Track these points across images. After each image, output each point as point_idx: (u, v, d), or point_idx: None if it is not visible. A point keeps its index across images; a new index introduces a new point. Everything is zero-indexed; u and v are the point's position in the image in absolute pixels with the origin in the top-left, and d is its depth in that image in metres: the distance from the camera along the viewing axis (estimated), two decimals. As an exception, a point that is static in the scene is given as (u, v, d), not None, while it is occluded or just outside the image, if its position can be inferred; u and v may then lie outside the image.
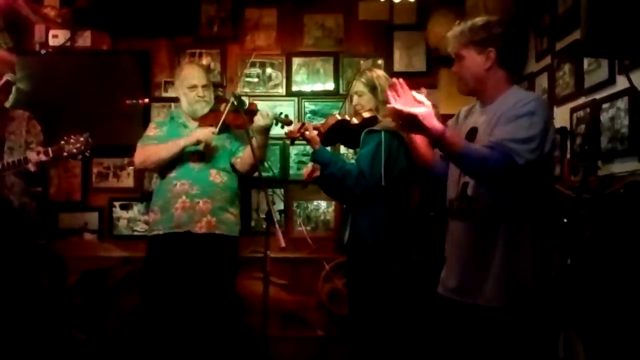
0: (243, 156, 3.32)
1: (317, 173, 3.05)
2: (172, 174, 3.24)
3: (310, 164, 3.05)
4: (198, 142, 3.17)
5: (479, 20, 2.14)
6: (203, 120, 3.30)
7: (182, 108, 3.37)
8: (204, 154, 3.26)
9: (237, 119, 3.25)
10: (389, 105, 1.95)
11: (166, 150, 3.21)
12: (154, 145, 3.26)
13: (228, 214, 3.30)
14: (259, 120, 3.13)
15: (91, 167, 4.01)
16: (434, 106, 2.00)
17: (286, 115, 3.26)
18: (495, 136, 1.98)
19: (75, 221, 4.00)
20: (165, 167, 3.26)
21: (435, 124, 1.91)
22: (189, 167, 3.24)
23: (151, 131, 3.36)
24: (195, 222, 3.18)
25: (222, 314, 3.25)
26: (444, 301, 2.21)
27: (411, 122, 1.91)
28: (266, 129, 3.18)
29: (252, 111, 3.20)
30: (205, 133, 3.17)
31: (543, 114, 1.99)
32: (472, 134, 2.13)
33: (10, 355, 2.92)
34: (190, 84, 3.30)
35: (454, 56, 2.18)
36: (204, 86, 3.33)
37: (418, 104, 1.95)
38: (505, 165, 1.90)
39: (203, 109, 3.32)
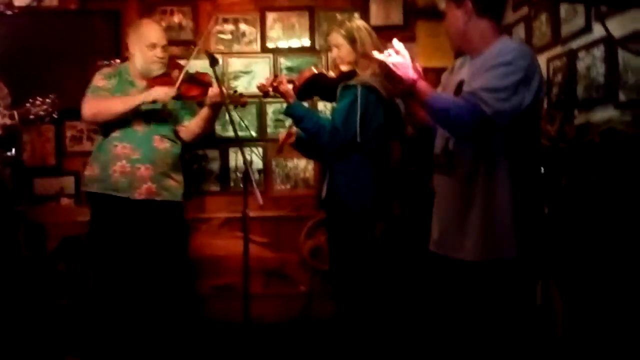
0: (189, 126, 3.24)
1: (292, 139, 3.03)
2: (115, 134, 3.12)
3: (285, 130, 3.02)
4: (154, 101, 3.05)
5: None
6: (153, 82, 3.16)
7: (135, 65, 3.21)
8: (149, 118, 3.14)
9: (190, 90, 3.13)
10: (372, 53, 1.99)
11: (121, 104, 3.07)
12: (106, 98, 3.12)
13: (170, 180, 3.21)
14: (212, 94, 3.05)
15: (65, 131, 3.93)
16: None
17: (241, 94, 3.17)
18: (471, 86, 1.97)
19: (51, 186, 3.93)
20: (110, 125, 3.13)
21: (408, 73, 1.94)
22: (133, 131, 3.12)
23: (99, 82, 3.18)
24: (134, 188, 3.09)
25: (172, 281, 3.21)
26: (431, 256, 2.23)
27: (385, 70, 1.95)
28: (218, 105, 3.10)
29: (206, 83, 3.11)
30: (165, 93, 3.03)
31: (522, 63, 1.95)
32: (459, 86, 2.11)
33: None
34: (149, 42, 3.16)
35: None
36: (163, 47, 3.20)
37: (396, 54, 1.97)
38: (471, 115, 1.89)
39: (159, 70, 3.18)
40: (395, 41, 2.01)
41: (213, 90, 3.06)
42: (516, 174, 2.01)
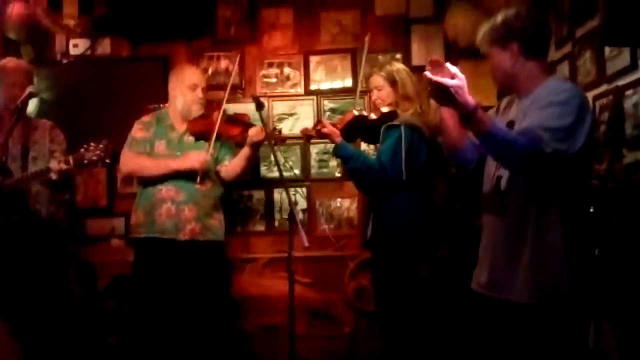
0: (229, 166, 3.32)
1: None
2: (160, 179, 3.23)
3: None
4: (192, 170, 3.15)
5: (499, 16, 2.12)
6: (193, 124, 3.28)
7: (176, 107, 3.33)
8: None
9: (230, 130, 3.24)
10: (424, 73, 1.92)
11: (156, 169, 3.20)
12: (144, 158, 3.25)
13: (212, 220, 3.29)
14: (252, 133, 3.13)
15: (116, 173, 4.05)
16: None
17: (279, 131, 3.25)
18: (525, 123, 1.95)
19: (102, 227, 4.05)
20: None
21: (467, 98, 1.87)
22: (170, 175, 3.22)
23: (137, 133, 3.32)
24: (179, 229, 3.17)
25: (216, 319, 3.24)
26: (476, 297, 2.20)
27: (443, 93, 1.88)
28: (258, 143, 3.17)
29: (245, 122, 3.19)
30: (201, 161, 3.14)
31: (576, 104, 1.94)
32: (509, 127, 2.10)
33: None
34: (191, 83, 3.30)
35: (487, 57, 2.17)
36: (202, 88, 3.34)
37: (453, 77, 1.90)
38: (532, 151, 1.86)
39: (199, 111, 3.31)
40: (449, 65, 1.94)
41: (253, 130, 3.13)
42: (567, 214, 1.99)
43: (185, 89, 3.31)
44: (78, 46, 4.13)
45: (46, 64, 4.03)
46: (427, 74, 1.91)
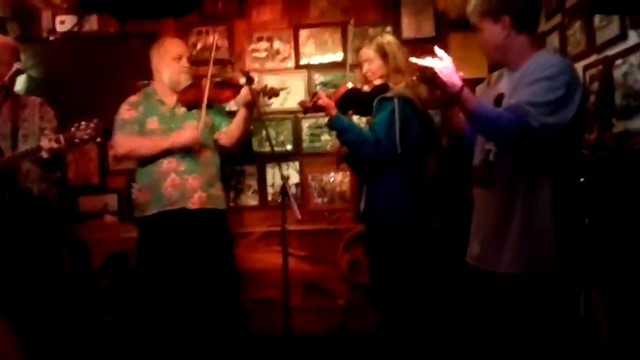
0: (228, 131, 3.33)
1: (345, 150, 3.06)
2: None
3: (334, 143, 3.04)
4: (185, 146, 3.17)
5: None
6: (183, 94, 3.28)
7: (163, 81, 3.32)
8: None
9: (222, 93, 3.25)
10: (409, 59, 1.94)
11: (149, 149, 3.21)
12: (137, 138, 3.25)
13: (215, 188, 3.31)
14: (244, 93, 3.13)
15: (107, 150, 4.03)
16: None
17: (271, 88, 3.25)
18: (514, 99, 1.96)
19: (95, 204, 4.05)
20: None
21: (453, 79, 1.90)
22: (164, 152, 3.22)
23: (126, 113, 3.31)
24: (187, 198, 3.19)
25: (222, 289, 3.27)
26: (469, 269, 2.22)
27: (428, 76, 1.91)
28: (252, 101, 3.17)
29: (236, 84, 3.19)
30: (192, 137, 3.14)
31: (565, 78, 1.94)
32: (499, 99, 2.12)
33: (41, 341, 2.99)
34: (175, 54, 3.30)
35: (477, 29, 2.15)
36: (187, 57, 3.35)
37: (439, 59, 1.94)
38: (518, 127, 1.88)
39: (187, 80, 3.31)
40: (436, 48, 1.99)
41: (245, 89, 3.14)
42: (557, 185, 2.01)
43: (169, 60, 3.30)
44: (65, 23, 4.08)
45: (33, 41, 3.98)
46: (413, 59, 1.95)
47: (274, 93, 3.26)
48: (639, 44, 2.53)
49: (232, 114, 3.45)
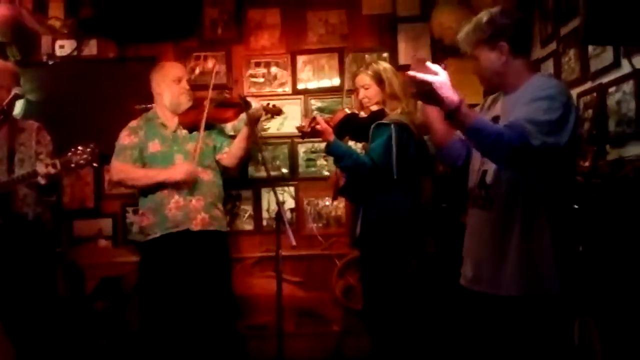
0: (230, 150, 3.35)
1: (343, 181, 3.07)
2: None
3: (332, 175, 3.05)
4: (178, 182, 3.17)
5: (483, 16, 2.10)
6: (184, 117, 3.31)
7: (164, 104, 3.35)
8: (189, 154, 3.26)
9: (223, 114, 3.27)
10: (406, 72, 1.93)
11: (144, 180, 3.24)
12: (132, 168, 3.26)
13: (217, 210, 3.33)
14: (248, 112, 3.14)
15: (103, 174, 4.03)
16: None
17: (274, 105, 3.27)
18: (512, 117, 1.95)
19: (89, 228, 4.03)
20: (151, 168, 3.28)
21: (450, 93, 1.86)
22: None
23: (125, 139, 3.33)
24: (191, 219, 3.20)
25: (223, 312, 3.27)
26: (464, 292, 2.21)
27: (426, 91, 1.87)
28: (255, 120, 3.20)
29: (237, 103, 3.20)
30: (187, 172, 3.15)
31: (562, 100, 1.95)
32: (494, 122, 2.10)
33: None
34: (175, 76, 3.34)
35: (470, 57, 2.15)
36: (187, 80, 3.40)
37: (435, 75, 1.90)
38: (519, 144, 1.85)
39: (188, 102, 3.34)
40: (429, 63, 1.93)
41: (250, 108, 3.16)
42: (554, 209, 2.00)
43: (170, 83, 3.34)
44: (64, 47, 4.11)
45: (32, 65, 4.00)
46: (409, 72, 1.90)
47: (276, 111, 3.30)
48: (632, 73, 2.54)
49: (232, 138, 3.47)
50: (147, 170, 3.27)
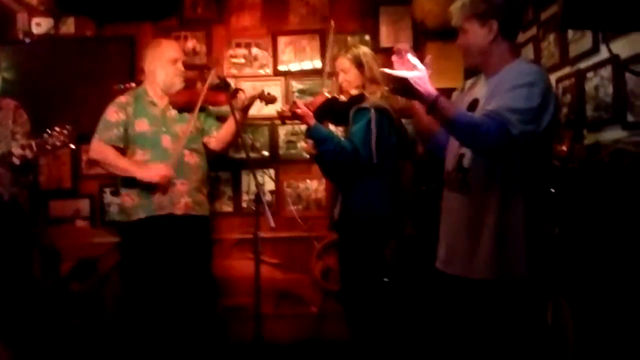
0: (219, 134, 3.32)
1: (315, 151, 3.06)
2: (146, 157, 3.18)
3: (308, 141, 3.05)
4: (152, 183, 3.11)
5: None
6: (176, 97, 3.26)
7: (156, 82, 3.28)
8: (177, 135, 3.21)
9: (216, 97, 3.22)
10: (381, 69, 1.93)
11: (117, 169, 3.16)
12: (112, 153, 3.16)
13: (201, 194, 3.30)
14: (243, 97, 3.12)
15: (80, 155, 3.98)
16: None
17: (268, 93, 3.25)
18: (492, 105, 1.96)
19: (66, 209, 3.99)
20: (136, 148, 3.20)
21: (428, 88, 1.89)
22: (163, 149, 3.19)
23: (112, 115, 3.22)
24: (174, 204, 3.16)
25: (203, 295, 3.24)
26: (439, 274, 2.22)
27: (404, 86, 1.90)
28: (248, 107, 3.17)
29: (224, 88, 3.17)
30: (162, 176, 3.09)
31: (542, 87, 1.96)
32: (473, 105, 2.13)
33: (8, 344, 2.94)
34: (171, 57, 3.26)
35: (458, 29, 2.16)
36: (183, 61, 3.33)
37: (413, 69, 1.93)
38: (499, 134, 1.87)
39: (180, 84, 3.29)
40: (410, 56, 1.98)
41: (243, 94, 3.13)
42: (529, 194, 2.02)
43: (165, 62, 3.26)
44: (41, 25, 4.05)
45: (8, 43, 3.94)
46: (386, 69, 1.93)
47: (270, 99, 3.26)
48: (610, 58, 2.57)
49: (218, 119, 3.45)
50: (123, 161, 3.16)
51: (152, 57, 3.30)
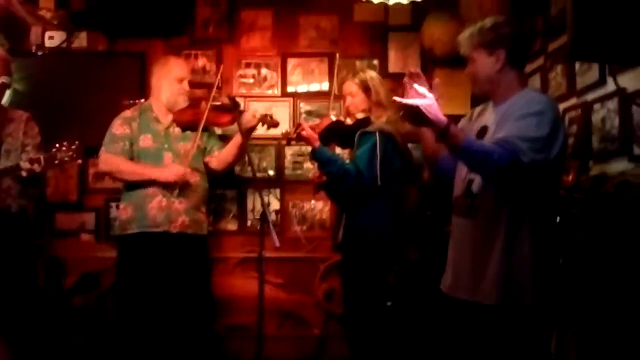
0: (220, 156, 3.33)
1: (324, 178, 3.08)
2: None
3: (316, 169, 3.07)
4: (169, 183, 3.13)
5: (488, 21, 2.15)
6: (179, 115, 3.27)
7: (161, 99, 3.31)
8: (179, 152, 3.24)
9: (220, 118, 3.24)
10: (393, 98, 1.96)
11: (133, 175, 3.18)
12: (122, 161, 3.20)
13: (200, 213, 3.30)
14: (245, 120, 3.12)
15: (87, 168, 4.01)
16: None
17: (271, 117, 3.26)
18: (502, 133, 1.98)
19: (72, 222, 4.00)
20: (140, 162, 3.23)
21: (439, 115, 1.91)
22: (165, 166, 3.21)
23: (118, 129, 3.26)
24: (171, 222, 3.16)
25: (197, 316, 3.23)
26: (444, 298, 2.23)
27: (414, 114, 1.91)
28: (251, 129, 3.18)
29: (235, 110, 3.18)
30: (179, 175, 3.11)
31: (552, 116, 1.98)
32: (482, 132, 2.15)
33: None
34: (178, 75, 3.29)
35: (466, 58, 2.19)
36: (188, 81, 3.35)
37: (421, 96, 1.95)
38: (509, 162, 1.89)
39: (184, 102, 3.30)
40: (417, 86, 2.00)
41: (246, 115, 3.14)
42: (536, 222, 2.03)
43: (171, 80, 3.29)
44: (54, 38, 4.09)
45: (21, 55, 3.97)
46: (396, 98, 1.96)
47: (273, 123, 3.26)
48: (617, 91, 2.60)
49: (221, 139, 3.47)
50: (138, 165, 3.21)
51: (159, 73, 3.33)
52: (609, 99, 2.68)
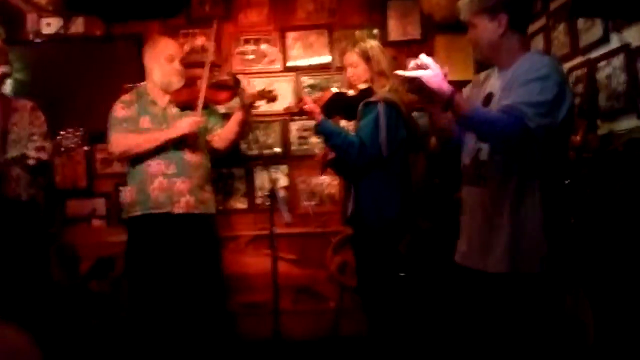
0: (222, 133, 3.31)
1: (331, 155, 3.08)
2: (149, 154, 3.18)
3: (322, 150, 3.06)
4: (183, 136, 3.12)
5: None
6: (176, 95, 3.26)
7: (154, 81, 3.29)
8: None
9: (217, 95, 3.23)
10: (395, 72, 1.94)
11: (148, 143, 3.14)
12: (133, 135, 3.19)
13: (205, 192, 3.28)
14: (244, 96, 3.11)
15: (95, 154, 4.02)
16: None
17: (269, 91, 3.24)
18: (508, 100, 1.96)
19: (83, 208, 4.02)
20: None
21: (443, 86, 1.89)
22: (163, 146, 3.18)
23: (119, 112, 3.25)
24: (174, 202, 3.15)
25: (208, 295, 3.23)
26: (458, 268, 2.23)
27: (417, 86, 1.90)
28: (250, 105, 3.16)
29: (232, 86, 3.16)
30: (190, 123, 3.09)
31: (557, 78, 1.96)
32: (488, 99, 2.13)
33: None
34: (167, 54, 3.25)
35: (467, 24, 2.15)
36: (180, 59, 3.31)
37: (426, 68, 1.92)
38: (516, 128, 1.88)
39: (179, 82, 3.27)
40: (423, 56, 1.96)
41: (244, 92, 3.13)
42: (546, 186, 2.02)
43: (162, 60, 3.26)
44: (50, 25, 4.06)
45: (19, 44, 3.95)
46: (398, 72, 1.94)
47: (272, 97, 3.24)
48: (621, 47, 2.57)
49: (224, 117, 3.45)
50: (150, 133, 3.19)
51: (150, 55, 3.31)
52: (613, 56, 2.65)
